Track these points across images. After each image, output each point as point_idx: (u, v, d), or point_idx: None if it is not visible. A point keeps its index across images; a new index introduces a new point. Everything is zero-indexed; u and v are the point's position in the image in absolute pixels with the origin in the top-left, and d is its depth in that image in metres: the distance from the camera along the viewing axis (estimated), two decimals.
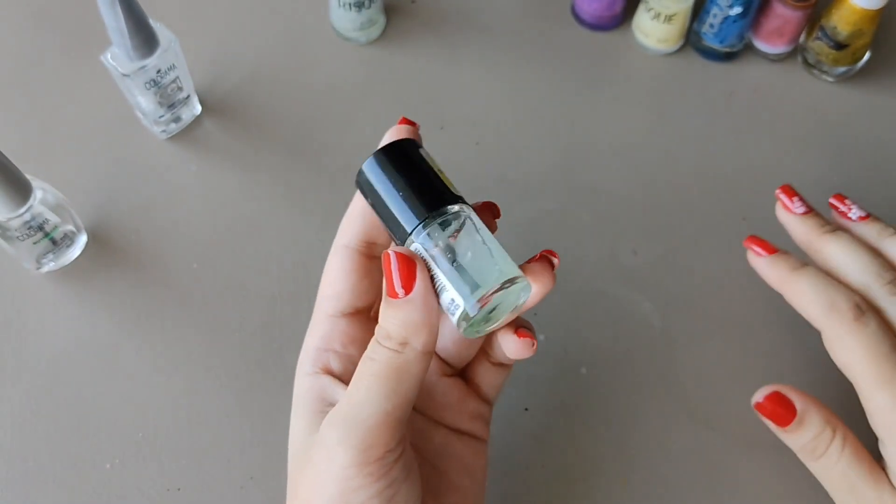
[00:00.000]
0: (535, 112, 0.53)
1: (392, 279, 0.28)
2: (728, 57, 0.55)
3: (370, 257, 0.33)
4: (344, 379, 0.32)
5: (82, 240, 0.46)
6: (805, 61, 0.55)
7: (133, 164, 0.50)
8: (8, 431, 0.41)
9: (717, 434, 0.42)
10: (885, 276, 0.37)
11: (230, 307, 0.45)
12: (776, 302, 0.40)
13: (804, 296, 0.37)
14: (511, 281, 0.28)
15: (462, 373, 0.35)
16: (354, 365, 0.31)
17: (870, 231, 0.40)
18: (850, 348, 0.35)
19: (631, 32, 0.56)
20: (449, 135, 0.52)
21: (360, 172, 0.30)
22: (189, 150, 0.50)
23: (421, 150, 0.30)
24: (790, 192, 0.41)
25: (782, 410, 0.36)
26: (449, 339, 0.33)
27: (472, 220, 0.29)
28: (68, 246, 0.45)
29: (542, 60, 0.55)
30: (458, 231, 0.28)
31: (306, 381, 0.32)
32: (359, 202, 0.32)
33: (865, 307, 0.36)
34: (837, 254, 0.39)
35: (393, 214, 0.29)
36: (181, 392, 0.42)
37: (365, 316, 0.33)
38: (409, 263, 0.28)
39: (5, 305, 0.45)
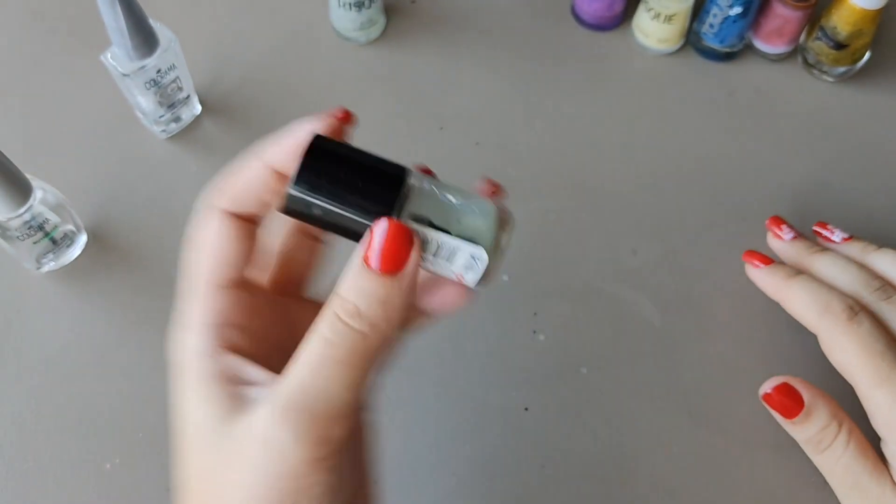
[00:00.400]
0: (535, 112, 0.53)
1: (380, 250, 0.25)
2: (728, 57, 0.55)
3: (249, 220, 0.29)
4: (255, 356, 0.28)
5: (82, 240, 0.46)
6: (805, 61, 0.55)
7: (133, 164, 0.50)
8: (8, 431, 0.41)
9: (717, 434, 0.42)
10: (873, 283, 0.38)
11: None
12: (776, 302, 0.40)
13: (799, 301, 0.38)
14: (497, 216, 0.26)
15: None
16: (259, 340, 0.28)
17: (854, 249, 0.42)
18: (845, 348, 0.36)
19: (631, 32, 0.56)
20: (449, 135, 0.52)
21: (290, 197, 0.25)
22: (189, 150, 0.50)
23: (335, 141, 0.27)
24: (778, 221, 0.44)
25: (790, 402, 0.36)
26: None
27: (427, 182, 0.26)
28: (68, 246, 0.45)
29: (542, 60, 0.55)
30: (422, 197, 0.26)
31: (207, 362, 0.27)
32: (240, 161, 0.28)
33: (858, 308, 0.36)
34: (827, 269, 0.40)
35: (352, 219, 0.25)
36: None
37: (252, 283, 0.30)
38: (406, 237, 0.25)
39: (5, 305, 0.45)
